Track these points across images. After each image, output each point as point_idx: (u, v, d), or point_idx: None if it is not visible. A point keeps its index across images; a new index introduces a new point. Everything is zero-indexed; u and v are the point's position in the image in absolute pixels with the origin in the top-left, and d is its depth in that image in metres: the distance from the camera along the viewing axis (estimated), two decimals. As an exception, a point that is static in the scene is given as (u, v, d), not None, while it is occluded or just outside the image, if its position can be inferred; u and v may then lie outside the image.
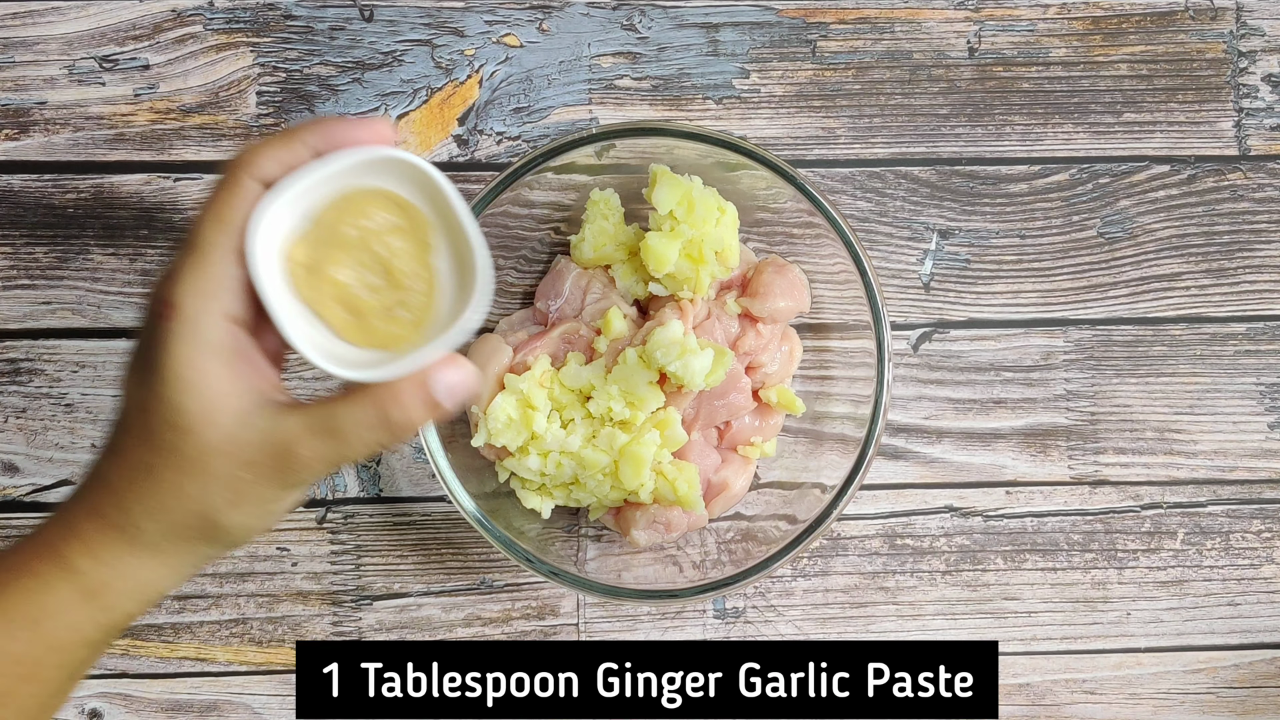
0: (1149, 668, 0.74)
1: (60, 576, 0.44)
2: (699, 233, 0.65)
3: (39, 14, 0.71)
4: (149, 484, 0.44)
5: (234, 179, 0.43)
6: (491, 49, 0.73)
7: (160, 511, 0.44)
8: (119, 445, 0.45)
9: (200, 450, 0.43)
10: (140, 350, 0.44)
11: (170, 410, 0.43)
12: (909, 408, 0.73)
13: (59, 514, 0.45)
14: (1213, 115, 0.74)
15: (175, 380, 0.43)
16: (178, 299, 0.43)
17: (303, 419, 0.44)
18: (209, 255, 0.43)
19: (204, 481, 0.43)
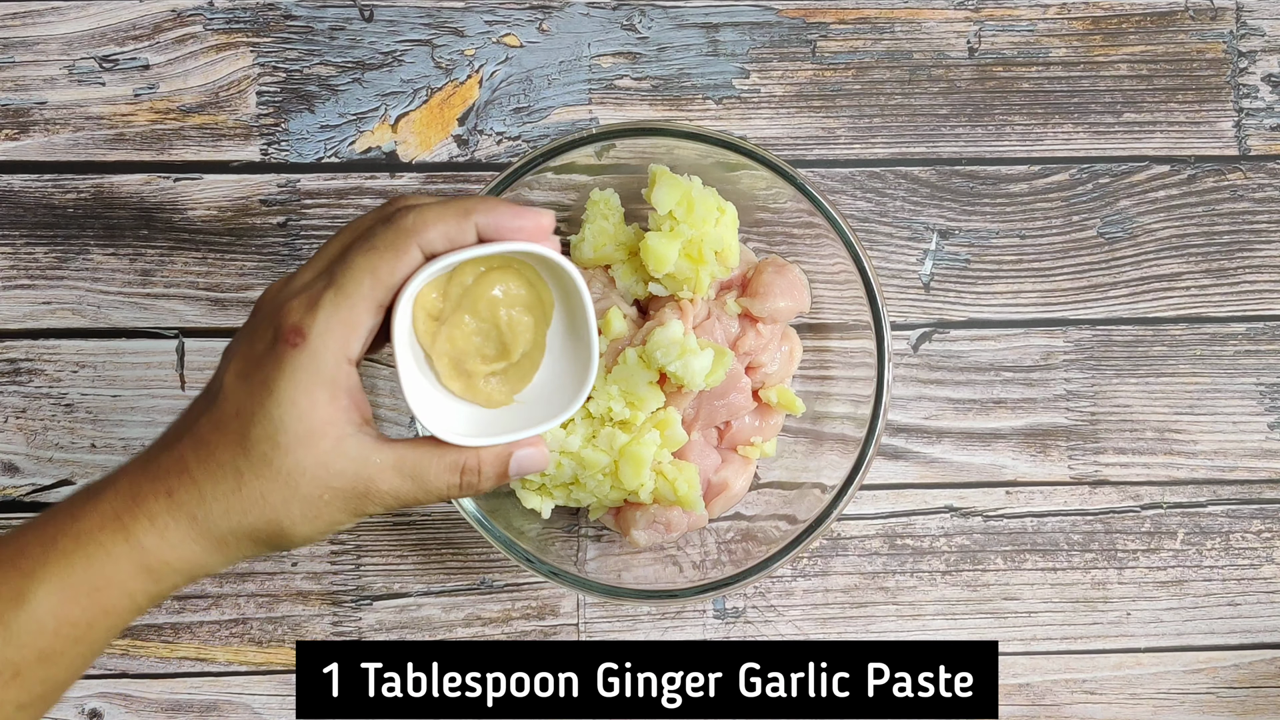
0: (1149, 668, 0.74)
1: (125, 551, 0.46)
2: (698, 233, 0.65)
3: (39, 14, 0.71)
4: (233, 486, 0.47)
5: (403, 245, 0.46)
6: (491, 49, 0.73)
7: (238, 513, 0.47)
8: (207, 439, 0.47)
9: (293, 469, 0.46)
10: (254, 361, 0.47)
11: (275, 428, 0.46)
12: (909, 408, 0.73)
13: (123, 483, 0.47)
14: (1213, 115, 0.74)
15: (288, 404, 0.46)
16: (311, 332, 0.46)
17: (390, 457, 0.48)
18: (355, 303, 0.46)
19: (286, 497, 0.47)
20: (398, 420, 0.72)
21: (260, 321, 0.48)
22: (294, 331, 0.46)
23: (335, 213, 0.72)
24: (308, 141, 0.72)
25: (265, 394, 0.46)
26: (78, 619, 0.46)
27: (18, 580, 0.46)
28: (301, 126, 0.72)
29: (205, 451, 0.47)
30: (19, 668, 0.45)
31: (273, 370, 0.46)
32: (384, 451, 0.48)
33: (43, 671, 0.46)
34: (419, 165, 0.72)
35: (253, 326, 0.48)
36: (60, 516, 0.47)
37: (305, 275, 0.48)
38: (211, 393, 0.48)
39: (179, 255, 0.71)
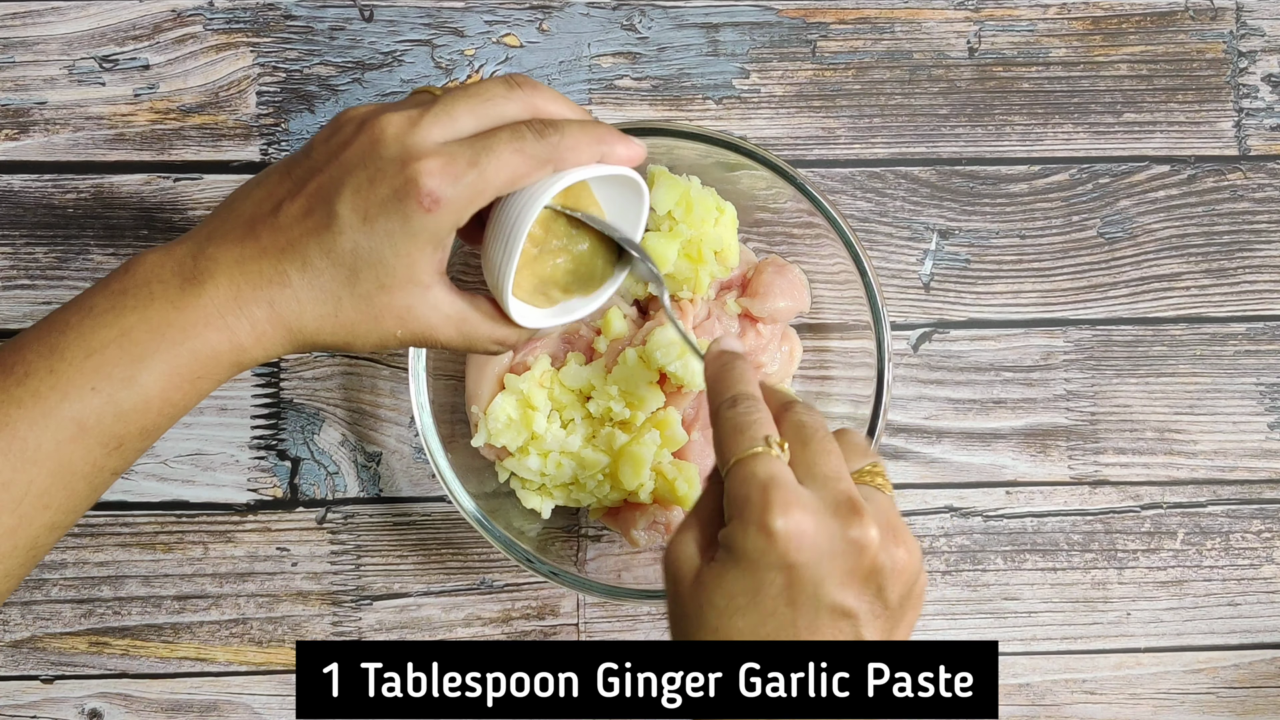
0: (1149, 668, 0.74)
1: (227, 349, 0.51)
2: (698, 233, 0.65)
3: (39, 14, 0.72)
4: (332, 311, 0.51)
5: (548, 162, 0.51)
6: (491, 49, 0.73)
7: (327, 332, 0.52)
8: (316, 264, 0.50)
9: (385, 308, 0.51)
10: (377, 204, 0.50)
11: (385, 274, 0.51)
12: (909, 408, 0.73)
13: (223, 280, 0.50)
14: (1213, 115, 0.74)
15: (403, 256, 0.50)
16: (444, 201, 0.49)
17: (455, 315, 0.53)
18: (488, 191, 0.50)
19: (371, 328, 0.52)
20: (397, 421, 0.72)
21: (388, 165, 0.50)
22: (430, 197, 0.49)
23: (335, 213, 0.72)
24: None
25: (386, 242, 0.50)
26: (177, 401, 0.51)
27: (127, 365, 0.49)
28: (301, 126, 0.72)
29: (313, 274, 0.51)
30: (122, 440, 0.50)
31: (399, 223, 0.50)
32: (452, 307, 0.53)
33: (140, 443, 0.51)
34: (419, 165, 0.72)
35: (376, 165, 0.50)
36: (160, 303, 0.50)
37: (434, 130, 0.50)
38: (320, 213, 0.50)
39: (179, 255, 0.71)
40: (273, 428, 0.72)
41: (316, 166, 0.51)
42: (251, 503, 0.72)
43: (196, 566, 0.71)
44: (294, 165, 0.52)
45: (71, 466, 0.49)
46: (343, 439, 0.72)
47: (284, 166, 0.52)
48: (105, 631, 0.71)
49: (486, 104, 0.51)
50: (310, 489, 0.72)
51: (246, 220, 0.51)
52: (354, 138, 0.51)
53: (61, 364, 0.49)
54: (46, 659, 0.71)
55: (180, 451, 0.71)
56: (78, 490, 0.50)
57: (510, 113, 0.52)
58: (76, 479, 0.50)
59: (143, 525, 0.71)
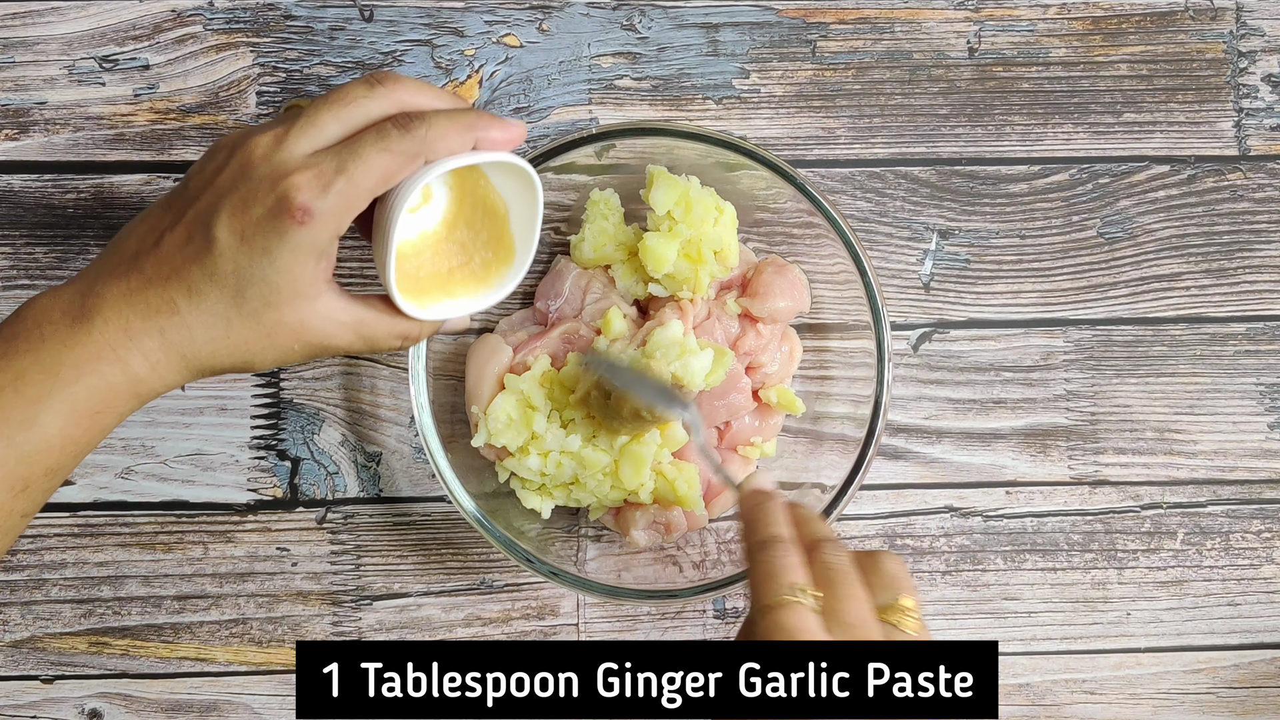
0: (1149, 668, 0.74)
1: (122, 381, 0.51)
2: (697, 233, 0.65)
3: (39, 14, 0.72)
4: (222, 333, 0.52)
5: (416, 155, 0.52)
6: (491, 49, 0.73)
7: (222, 354, 0.53)
8: (201, 288, 0.51)
9: (276, 324, 0.52)
10: (253, 224, 0.50)
11: (270, 291, 0.51)
12: (909, 408, 0.73)
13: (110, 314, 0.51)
14: (1213, 115, 0.74)
15: (285, 271, 0.51)
16: (317, 213, 0.50)
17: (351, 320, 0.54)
18: (360, 194, 0.51)
19: (264, 345, 0.53)
20: (397, 421, 0.72)
21: (259, 185, 0.50)
22: (302, 211, 0.50)
23: (335, 213, 0.72)
24: (308, 141, 0.72)
25: (265, 260, 0.51)
26: (80, 438, 0.52)
27: (24, 408, 0.50)
28: (301, 126, 0.72)
29: (199, 299, 0.51)
30: (28, 482, 0.51)
31: (275, 240, 0.50)
32: (348, 313, 0.54)
33: (47, 483, 0.52)
34: (419, 165, 0.72)
35: (249, 186, 0.51)
36: (51, 343, 0.51)
37: (300, 143, 0.51)
38: (199, 239, 0.51)
39: (179, 255, 0.71)
40: (273, 428, 0.72)
41: (193, 195, 0.52)
42: (251, 503, 0.72)
43: (196, 566, 0.71)
44: (174, 199, 0.53)
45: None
46: (343, 439, 0.72)
47: (164, 201, 0.53)
48: (105, 631, 0.71)
49: (349, 107, 0.52)
50: (310, 489, 0.72)
51: (131, 255, 0.52)
52: (226, 163, 0.52)
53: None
54: (46, 659, 0.71)
55: (180, 451, 0.71)
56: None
57: (375, 111, 0.52)
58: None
59: (143, 525, 0.71)
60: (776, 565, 0.51)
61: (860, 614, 0.50)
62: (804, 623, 0.48)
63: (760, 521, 0.53)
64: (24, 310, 0.52)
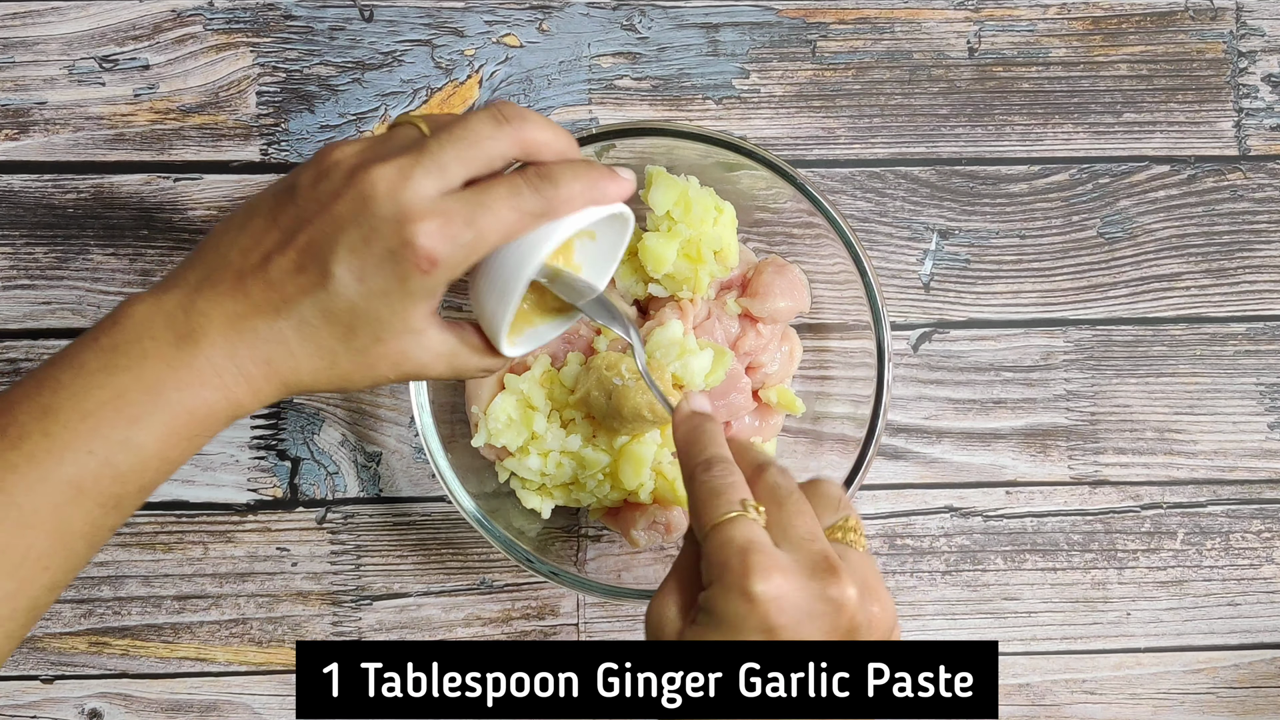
0: (1149, 668, 0.74)
1: (224, 407, 0.51)
2: (696, 232, 0.65)
3: (39, 14, 0.72)
4: (328, 364, 0.51)
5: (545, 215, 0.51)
6: (491, 49, 0.73)
7: (322, 384, 0.52)
8: (312, 322, 0.50)
9: (379, 357, 0.52)
10: (372, 263, 0.49)
11: (381, 330, 0.50)
12: (909, 408, 0.73)
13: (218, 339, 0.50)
14: (1213, 115, 0.74)
15: (399, 313, 0.50)
16: (440, 263, 0.49)
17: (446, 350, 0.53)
18: (485, 248, 0.50)
19: (365, 374, 0.52)
20: (397, 421, 0.72)
21: (382, 225, 0.49)
22: (428, 260, 0.49)
23: (335, 213, 0.72)
24: (308, 142, 0.72)
25: (382, 302, 0.50)
26: (174, 458, 0.51)
27: (124, 427, 0.49)
28: (301, 127, 0.72)
29: (308, 331, 0.50)
30: (120, 499, 0.50)
31: (395, 284, 0.49)
32: (445, 345, 0.53)
33: (138, 499, 0.51)
34: (419, 165, 0.72)
35: (370, 225, 0.49)
36: (154, 361, 0.49)
37: (426, 184, 0.49)
38: (313, 272, 0.50)
39: (179, 255, 0.71)
40: (273, 428, 0.72)
41: (305, 217, 0.50)
42: (251, 503, 0.72)
43: (196, 566, 0.71)
44: (279, 210, 0.51)
45: (70, 528, 0.49)
46: (343, 439, 0.72)
47: (269, 209, 0.51)
48: (105, 631, 0.71)
49: (475, 148, 0.50)
50: (310, 489, 0.72)
51: (235, 271, 0.50)
52: (344, 190, 0.49)
53: (56, 426, 0.48)
54: (46, 659, 0.71)
55: (180, 451, 0.71)
56: (77, 550, 0.50)
57: (499, 152, 0.51)
58: (75, 539, 0.49)
59: (143, 525, 0.71)
60: (721, 483, 0.50)
61: (810, 529, 0.49)
62: (754, 534, 0.48)
63: (700, 442, 0.53)
64: (122, 317, 0.50)
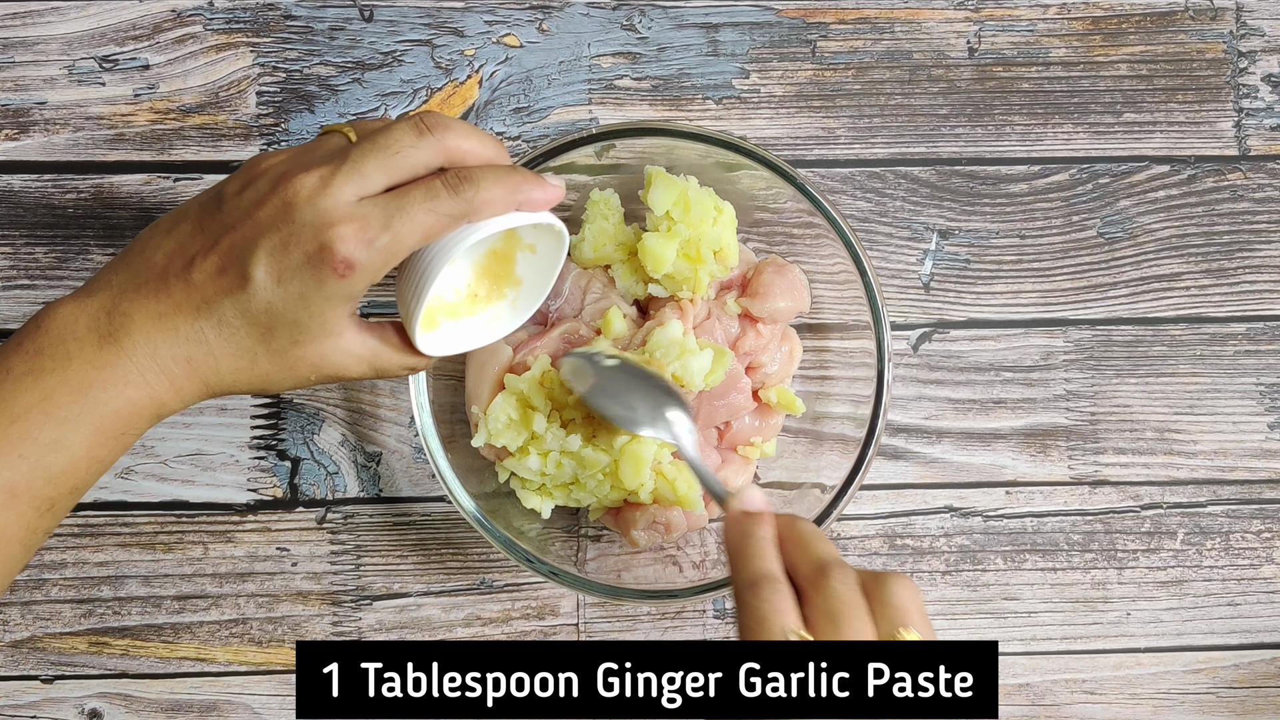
0: (1149, 668, 0.74)
1: (147, 405, 0.52)
2: (696, 232, 0.65)
3: (39, 14, 0.72)
4: (247, 364, 0.52)
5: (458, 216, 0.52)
6: (491, 49, 0.73)
7: (243, 382, 0.53)
8: (232, 322, 0.51)
9: (299, 359, 0.53)
10: (291, 268, 0.50)
11: (299, 332, 0.52)
12: (909, 408, 0.73)
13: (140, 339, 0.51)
14: (1213, 115, 0.74)
15: (317, 316, 0.51)
16: (358, 267, 0.50)
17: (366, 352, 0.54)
18: (402, 251, 0.51)
19: (285, 376, 0.53)
20: (397, 421, 0.72)
21: (301, 230, 0.50)
22: (345, 264, 0.50)
23: (335, 213, 0.72)
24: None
25: (300, 304, 0.51)
26: (104, 458, 0.52)
27: (53, 428, 0.50)
28: (301, 126, 0.72)
29: (228, 331, 0.51)
30: (54, 501, 0.51)
31: (312, 287, 0.50)
32: (364, 346, 0.54)
33: (71, 500, 0.52)
34: (419, 165, 0.72)
35: (290, 229, 0.50)
36: (79, 363, 0.50)
37: (346, 191, 0.50)
38: (234, 274, 0.51)
39: (179, 255, 0.71)
40: (273, 428, 0.72)
41: (229, 223, 0.51)
42: (251, 503, 0.72)
43: (196, 566, 0.71)
44: (205, 217, 0.52)
45: (5, 532, 0.50)
46: (343, 439, 0.72)
47: (195, 216, 0.52)
48: (105, 631, 0.71)
49: (397, 156, 0.51)
50: (310, 489, 0.72)
51: (159, 273, 0.51)
52: (267, 196, 0.51)
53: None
54: (46, 659, 0.71)
55: (180, 451, 0.71)
56: (12, 554, 0.51)
57: (421, 160, 0.52)
58: (10, 543, 0.50)
59: (143, 525, 0.71)
60: (766, 609, 0.50)
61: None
62: None
63: (747, 554, 0.52)
64: (45, 321, 0.51)
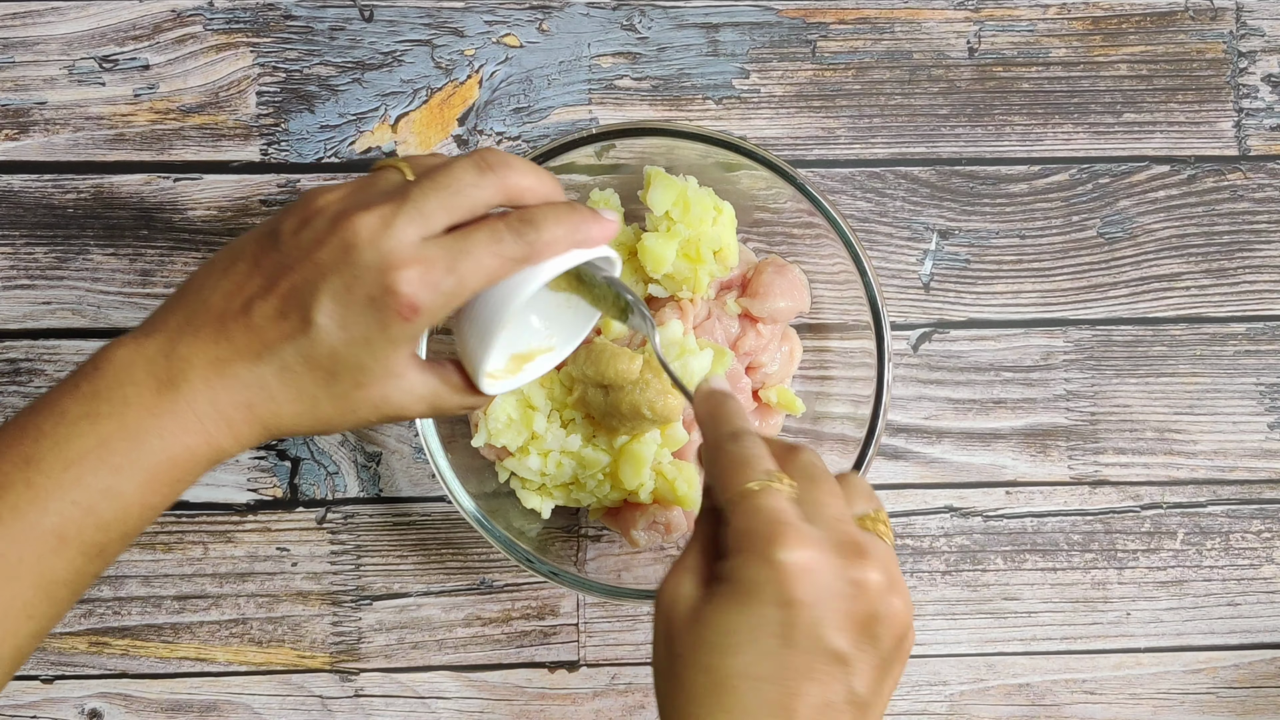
0: (1149, 668, 0.74)
1: (205, 452, 0.51)
2: (695, 232, 0.65)
3: (39, 14, 0.72)
4: (308, 408, 0.51)
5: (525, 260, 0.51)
6: (491, 49, 0.73)
7: (304, 425, 0.52)
8: (294, 368, 0.50)
9: (361, 401, 0.51)
10: (354, 309, 0.49)
11: (362, 375, 0.50)
12: (909, 408, 0.73)
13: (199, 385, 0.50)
14: (1213, 115, 0.74)
15: (380, 359, 0.50)
16: (422, 310, 0.49)
17: (426, 392, 0.53)
18: (464, 294, 0.50)
19: (346, 418, 0.52)
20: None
21: (364, 273, 0.49)
22: (410, 307, 0.49)
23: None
24: (308, 142, 0.72)
25: (364, 349, 0.50)
26: (157, 505, 0.51)
27: (107, 475, 0.49)
28: (301, 126, 0.72)
29: (290, 378, 0.50)
30: (104, 547, 0.50)
31: (376, 331, 0.49)
32: (426, 386, 0.53)
33: (121, 546, 0.51)
34: (419, 165, 0.72)
35: (352, 272, 0.49)
36: (136, 408, 0.49)
37: (409, 232, 0.49)
38: (295, 318, 0.50)
39: (179, 255, 0.71)
40: (273, 428, 0.72)
41: (287, 263, 0.50)
42: (251, 503, 0.72)
43: (196, 566, 0.71)
44: (262, 255, 0.51)
45: (54, 576, 0.49)
46: (343, 439, 0.72)
47: (252, 254, 0.51)
48: (105, 631, 0.71)
49: (459, 196, 0.50)
50: (310, 489, 0.72)
51: (217, 315, 0.50)
52: (326, 237, 0.49)
53: (39, 476, 0.48)
54: (46, 659, 0.71)
55: (180, 451, 0.71)
56: (60, 598, 0.50)
57: (483, 200, 0.51)
58: (59, 587, 0.49)
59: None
60: (750, 452, 0.49)
61: (840, 511, 0.48)
62: (783, 504, 0.47)
63: (724, 415, 0.52)
64: (102, 362, 0.50)
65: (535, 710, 0.72)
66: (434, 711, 0.72)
